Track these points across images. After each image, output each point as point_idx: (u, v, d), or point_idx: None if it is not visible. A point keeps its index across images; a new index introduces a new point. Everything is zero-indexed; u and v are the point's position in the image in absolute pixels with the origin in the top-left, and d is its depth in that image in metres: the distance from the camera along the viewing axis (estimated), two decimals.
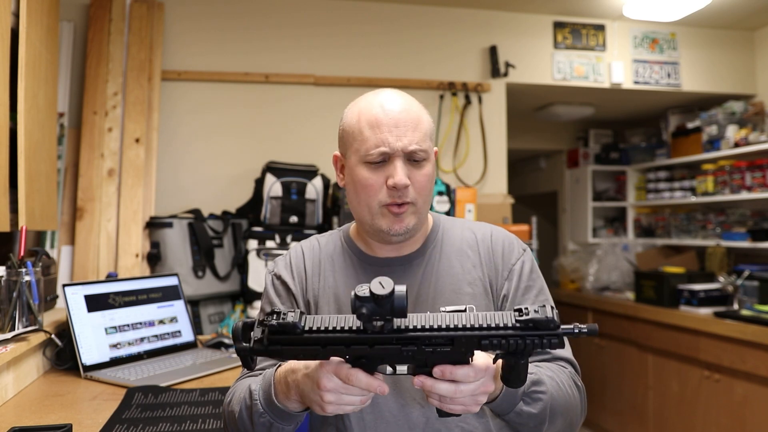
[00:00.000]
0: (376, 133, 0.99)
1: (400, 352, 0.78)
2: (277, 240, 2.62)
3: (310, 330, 0.78)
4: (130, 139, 2.57)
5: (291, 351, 0.79)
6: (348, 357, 0.80)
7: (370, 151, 0.99)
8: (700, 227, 3.72)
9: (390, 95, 1.03)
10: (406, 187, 0.99)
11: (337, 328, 0.78)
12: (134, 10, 2.69)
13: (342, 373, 0.80)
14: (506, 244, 1.10)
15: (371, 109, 1.01)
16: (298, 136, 2.98)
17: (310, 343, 0.78)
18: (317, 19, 3.06)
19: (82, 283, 1.79)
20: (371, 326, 0.76)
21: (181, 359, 1.82)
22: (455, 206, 2.82)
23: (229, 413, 1.00)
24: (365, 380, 0.79)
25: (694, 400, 3.02)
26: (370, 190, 1.00)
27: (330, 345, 0.78)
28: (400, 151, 0.99)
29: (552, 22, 3.37)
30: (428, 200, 1.05)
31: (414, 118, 1.01)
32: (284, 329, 0.77)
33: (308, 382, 0.84)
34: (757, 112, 3.43)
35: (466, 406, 0.82)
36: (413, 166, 1.01)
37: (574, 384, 1.02)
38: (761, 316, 2.73)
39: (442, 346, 0.77)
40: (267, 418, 0.92)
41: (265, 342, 0.79)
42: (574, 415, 1.01)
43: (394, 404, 1.01)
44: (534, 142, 4.74)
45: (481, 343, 0.77)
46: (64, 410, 1.37)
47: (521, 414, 0.93)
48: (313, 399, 0.83)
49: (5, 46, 1.64)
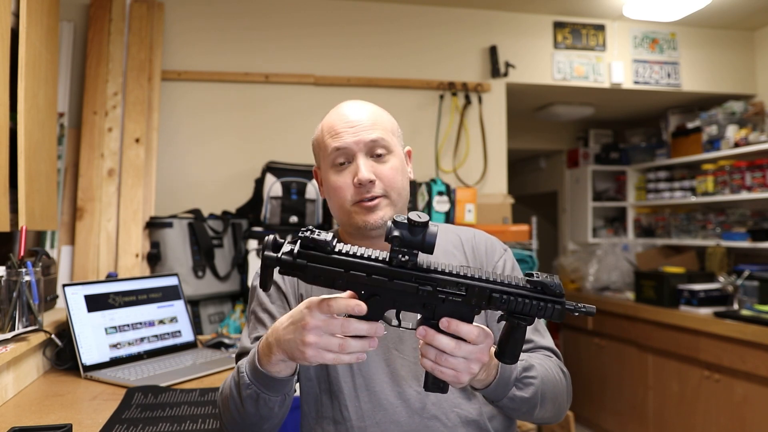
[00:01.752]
0: (335, 137, 1.06)
1: (416, 291, 0.79)
2: None
3: (339, 252, 0.80)
4: (130, 139, 2.57)
5: (314, 270, 0.79)
6: (363, 292, 0.80)
7: (332, 154, 1.05)
8: (700, 227, 3.72)
9: (347, 104, 1.11)
10: (372, 182, 1.03)
11: (364, 256, 0.80)
12: (134, 10, 2.69)
13: (323, 305, 0.80)
14: (489, 244, 1.16)
15: (330, 120, 1.09)
16: (298, 136, 2.98)
17: (335, 264, 0.79)
18: (317, 19, 3.07)
19: (82, 283, 1.79)
20: (397, 258, 0.79)
21: (181, 359, 1.82)
22: (455, 206, 2.82)
23: (222, 400, 1.01)
24: (343, 303, 0.80)
25: (694, 400, 3.02)
26: (340, 191, 1.05)
27: (353, 270, 0.79)
28: (360, 146, 1.04)
29: (552, 22, 3.37)
30: (403, 193, 1.08)
31: (369, 117, 1.07)
32: (316, 245, 0.79)
33: (291, 327, 0.84)
34: (757, 112, 3.43)
35: (457, 371, 0.82)
36: (377, 161, 1.06)
37: (561, 371, 1.07)
38: (761, 316, 2.73)
39: (455, 296, 0.80)
40: (253, 389, 0.92)
41: (294, 252, 0.79)
42: (562, 401, 1.05)
43: (391, 391, 1.02)
44: (534, 142, 4.74)
45: (491, 296, 0.80)
46: (64, 410, 1.37)
47: (514, 399, 0.95)
48: (295, 345, 0.82)
49: (5, 46, 1.64)
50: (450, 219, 2.77)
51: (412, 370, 1.04)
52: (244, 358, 1.01)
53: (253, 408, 0.93)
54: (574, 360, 4.04)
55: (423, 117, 3.15)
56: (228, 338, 2.03)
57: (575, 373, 3.90)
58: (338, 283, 0.80)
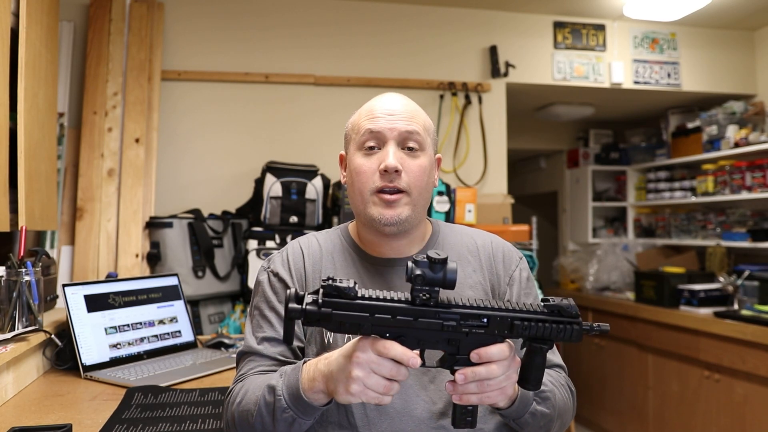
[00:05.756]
0: (372, 120, 1.05)
1: (440, 327, 0.82)
2: (277, 240, 2.62)
3: (362, 297, 0.81)
4: (130, 139, 2.57)
5: (340, 317, 0.81)
6: (388, 335, 0.82)
7: (364, 136, 1.04)
8: (700, 227, 3.72)
9: (391, 94, 1.10)
10: (398, 172, 1.02)
11: (387, 298, 0.82)
12: (134, 10, 2.69)
13: (377, 345, 0.81)
14: (506, 252, 1.15)
15: (371, 104, 1.08)
16: (298, 136, 2.98)
17: (360, 309, 0.81)
18: (317, 19, 3.06)
19: (82, 283, 1.79)
20: (419, 297, 0.81)
21: (181, 359, 1.82)
22: (455, 206, 2.82)
23: (240, 413, 0.97)
24: (400, 349, 0.80)
25: (694, 400, 3.02)
26: (363, 176, 1.04)
27: (378, 313, 0.81)
28: (395, 134, 1.03)
29: (552, 22, 3.37)
30: (424, 194, 1.06)
31: (410, 111, 1.06)
32: (339, 292, 0.80)
33: (341, 359, 0.84)
34: (757, 112, 3.43)
35: (501, 388, 0.84)
36: (407, 154, 1.04)
37: (568, 388, 1.07)
38: (761, 316, 2.73)
39: (477, 328, 0.83)
40: (291, 413, 0.91)
41: (319, 302, 0.80)
42: (567, 418, 1.05)
43: (397, 400, 1.01)
44: (534, 142, 4.73)
45: (513, 324, 0.83)
46: (64, 410, 1.37)
47: (535, 414, 0.95)
48: (341, 378, 0.83)
49: (5, 46, 1.64)
50: (450, 219, 2.77)
51: (419, 381, 1.03)
52: (253, 375, 1.01)
53: (286, 429, 0.93)
54: (574, 360, 4.04)
55: None
56: (228, 338, 2.03)
57: (575, 373, 3.90)
58: (365, 329, 0.81)
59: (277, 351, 1.05)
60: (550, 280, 4.65)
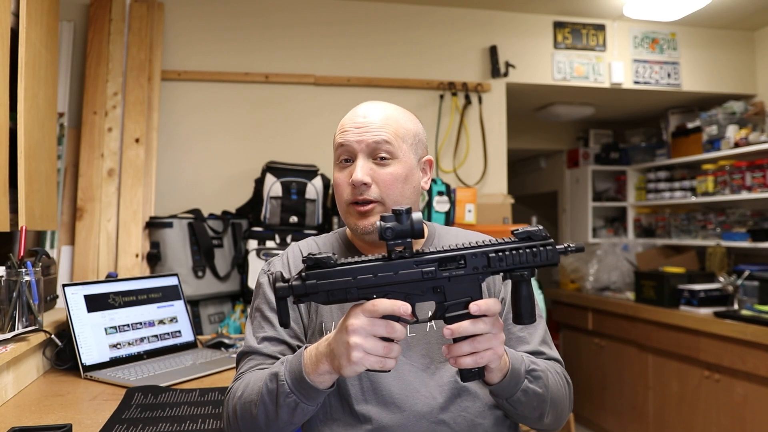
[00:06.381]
0: (342, 134, 1.07)
1: (420, 276, 0.85)
2: (277, 240, 2.62)
3: (342, 263, 0.86)
4: (130, 139, 2.57)
5: (326, 286, 0.85)
6: (375, 296, 0.85)
7: (337, 150, 1.08)
8: (700, 227, 3.72)
9: (365, 104, 1.10)
10: (365, 185, 1.04)
11: (365, 259, 0.86)
12: (134, 10, 2.69)
13: (367, 306, 0.84)
14: None
15: (344, 118, 1.10)
16: (298, 136, 2.98)
17: (342, 275, 0.85)
18: (317, 19, 3.06)
19: (82, 283, 1.79)
20: (394, 251, 0.85)
21: (181, 359, 1.82)
22: (455, 206, 2.82)
23: (242, 405, 0.98)
24: (388, 302, 0.83)
25: (694, 400, 3.02)
26: (339, 188, 1.08)
27: (360, 275, 0.85)
28: (362, 146, 1.04)
29: (552, 22, 3.37)
30: (402, 200, 1.07)
31: (381, 119, 1.06)
32: (319, 263, 0.85)
33: (338, 335, 0.86)
34: (757, 112, 3.43)
35: (492, 346, 0.85)
36: (378, 164, 1.05)
37: (564, 377, 1.08)
38: (761, 316, 2.73)
39: (456, 269, 0.86)
40: (293, 398, 0.92)
41: (303, 275, 0.85)
42: (564, 407, 1.06)
43: (399, 395, 1.02)
44: (534, 142, 4.73)
45: (489, 257, 0.85)
46: (64, 410, 1.37)
47: (527, 392, 0.96)
48: (341, 351, 0.84)
49: (5, 46, 1.64)
50: (450, 219, 2.77)
51: (420, 377, 1.04)
52: (254, 372, 1.01)
53: (289, 416, 0.93)
54: (574, 360, 4.04)
55: (423, 117, 3.14)
56: (228, 338, 2.03)
57: (575, 373, 3.90)
58: (351, 294, 0.84)
59: (277, 350, 1.06)
60: (549, 280, 4.65)
